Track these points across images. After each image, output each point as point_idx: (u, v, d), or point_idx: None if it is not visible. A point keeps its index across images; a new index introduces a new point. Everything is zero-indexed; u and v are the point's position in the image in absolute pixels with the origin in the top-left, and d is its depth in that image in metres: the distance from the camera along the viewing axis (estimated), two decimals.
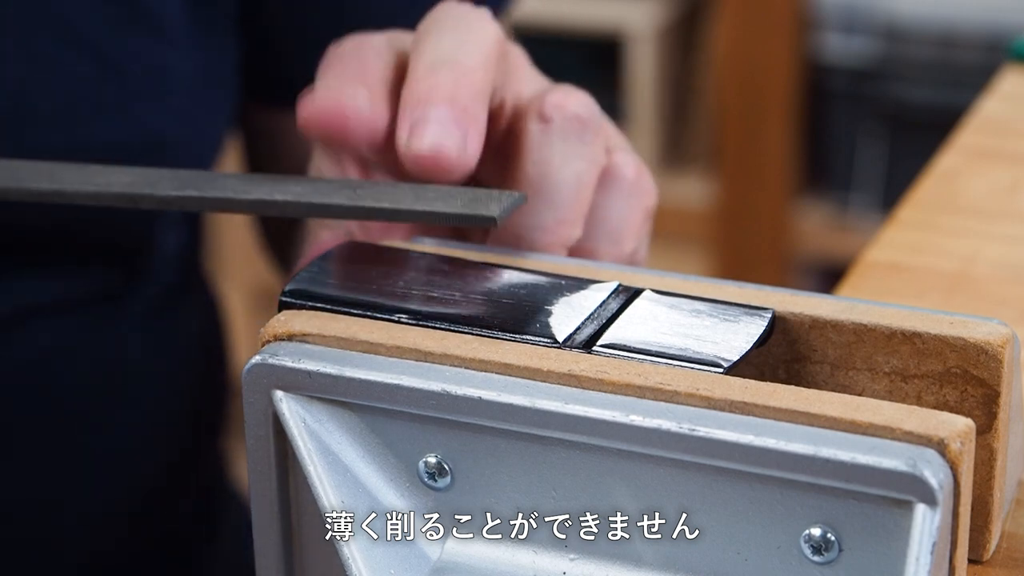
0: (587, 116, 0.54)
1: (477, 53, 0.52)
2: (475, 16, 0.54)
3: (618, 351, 0.46)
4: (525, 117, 0.54)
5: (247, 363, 0.46)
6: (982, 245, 0.69)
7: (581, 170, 0.54)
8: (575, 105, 0.54)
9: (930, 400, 0.47)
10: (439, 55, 0.52)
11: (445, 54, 0.52)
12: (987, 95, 0.86)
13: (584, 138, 0.54)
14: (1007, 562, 0.48)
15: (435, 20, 0.55)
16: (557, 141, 0.54)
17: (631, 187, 0.56)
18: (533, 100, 0.54)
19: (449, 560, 0.45)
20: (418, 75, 0.51)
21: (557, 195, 0.54)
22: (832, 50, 1.99)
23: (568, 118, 0.54)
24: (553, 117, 0.53)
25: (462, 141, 0.50)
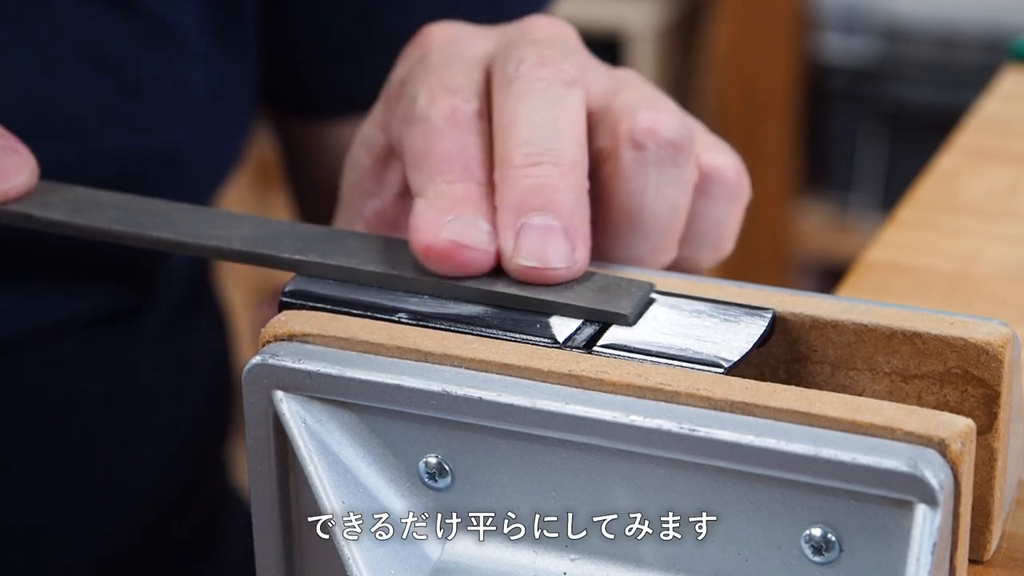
0: (680, 139, 0.52)
1: (575, 137, 0.50)
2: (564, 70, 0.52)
3: (618, 351, 0.46)
4: (615, 140, 0.52)
5: (247, 363, 0.46)
6: (982, 245, 0.69)
7: (676, 196, 0.52)
8: (668, 129, 0.52)
9: (930, 400, 0.47)
10: (536, 143, 0.50)
11: (543, 140, 0.50)
12: (987, 95, 0.86)
13: (678, 162, 0.52)
14: (1007, 562, 0.48)
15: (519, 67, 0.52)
16: (652, 171, 0.52)
17: (731, 191, 0.55)
18: (621, 119, 0.52)
19: (449, 560, 0.45)
20: (516, 168, 0.49)
21: (653, 226, 0.52)
22: (832, 50, 2.00)
23: (662, 145, 0.52)
24: (647, 144, 0.52)
25: (569, 252, 0.49)
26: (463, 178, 0.50)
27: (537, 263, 0.48)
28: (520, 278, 0.48)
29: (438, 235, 0.48)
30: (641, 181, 0.52)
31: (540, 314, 0.48)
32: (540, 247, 0.48)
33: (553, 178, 0.49)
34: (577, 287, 0.48)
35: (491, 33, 0.56)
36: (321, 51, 0.76)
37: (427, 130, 0.51)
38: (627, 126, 0.52)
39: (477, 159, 0.51)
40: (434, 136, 0.51)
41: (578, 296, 0.48)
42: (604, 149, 0.53)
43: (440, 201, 0.49)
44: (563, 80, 0.52)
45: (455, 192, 0.50)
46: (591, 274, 0.49)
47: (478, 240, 0.49)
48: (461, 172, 0.50)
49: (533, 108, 0.51)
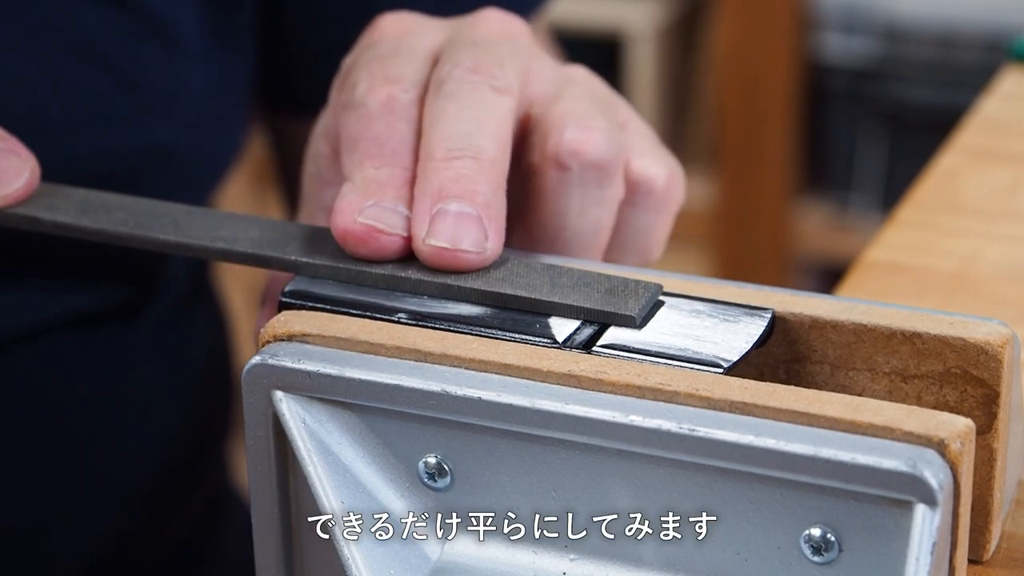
0: (605, 160, 0.52)
1: (496, 137, 0.51)
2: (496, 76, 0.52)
3: (618, 351, 0.46)
4: (542, 157, 0.52)
5: (247, 364, 0.46)
6: (982, 245, 0.69)
7: (599, 216, 0.53)
8: (592, 149, 0.52)
9: (930, 400, 0.47)
10: (458, 138, 0.50)
11: (464, 136, 0.50)
12: (987, 95, 0.86)
13: (602, 182, 0.52)
14: (1007, 562, 0.48)
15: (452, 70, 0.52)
16: (575, 192, 0.52)
17: (658, 202, 0.55)
18: (549, 135, 0.52)
19: (449, 560, 0.45)
20: (436, 160, 0.50)
21: (575, 244, 0.53)
22: (832, 50, 2.00)
23: (586, 166, 0.52)
24: (570, 165, 0.52)
25: (482, 240, 0.49)
26: (390, 163, 0.51)
27: (448, 244, 0.49)
28: (430, 261, 0.49)
29: (356, 219, 0.49)
30: (563, 201, 0.53)
31: (540, 314, 0.48)
32: (452, 231, 0.49)
33: (471, 170, 0.50)
34: (584, 288, 0.48)
35: (442, 26, 0.56)
36: (315, 47, 0.76)
37: (362, 116, 0.52)
38: (553, 144, 0.52)
39: (407, 145, 0.51)
40: (367, 122, 0.52)
41: (585, 297, 0.48)
42: (532, 164, 0.53)
43: (364, 185, 0.50)
44: (492, 86, 0.52)
45: (380, 177, 0.50)
46: (599, 275, 0.49)
47: (394, 225, 0.49)
48: (389, 157, 0.51)
49: (458, 107, 0.51)
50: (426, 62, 0.54)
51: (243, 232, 0.52)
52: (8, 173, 0.54)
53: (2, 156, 0.55)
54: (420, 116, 0.52)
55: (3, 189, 0.54)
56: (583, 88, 0.55)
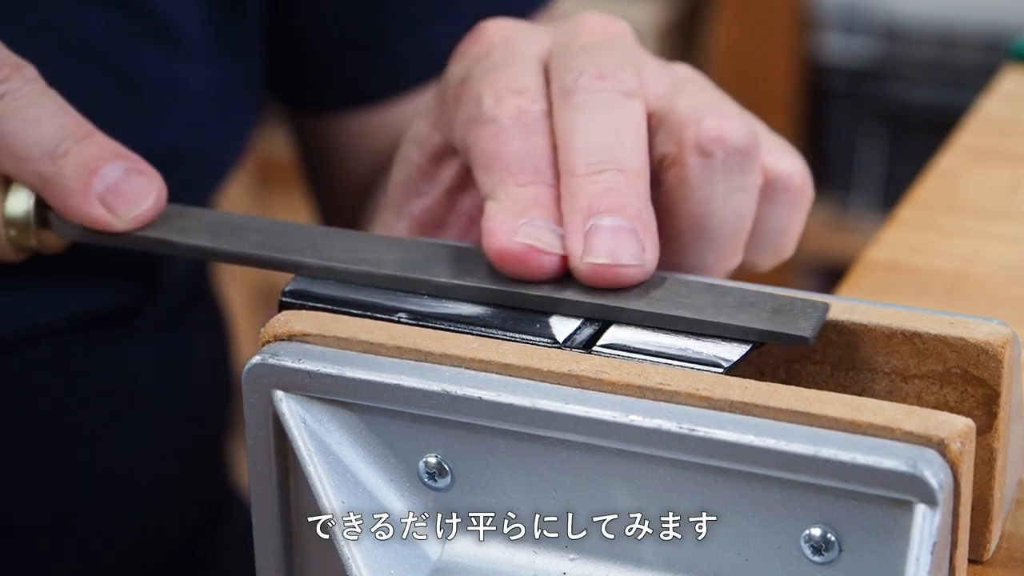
0: (747, 145, 0.52)
1: (637, 146, 0.50)
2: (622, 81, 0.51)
3: (618, 351, 0.46)
4: (681, 147, 0.52)
5: (247, 363, 0.46)
6: (982, 245, 0.69)
7: (743, 203, 0.52)
8: (735, 135, 0.51)
9: (930, 400, 0.47)
10: (599, 152, 0.49)
11: (605, 149, 0.49)
12: (987, 95, 0.86)
13: (745, 168, 0.52)
14: (1007, 562, 0.48)
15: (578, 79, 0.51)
16: (720, 178, 0.52)
17: (796, 197, 0.55)
18: (686, 126, 0.52)
19: (449, 560, 0.45)
20: (580, 176, 0.49)
21: (721, 233, 0.52)
22: (832, 50, 2.00)
23: (730, 152, 0.51)
24: (714, 152, 0.51)
25: (640, 252, 0.48)
26: (534, 180, 0.50)
27: (608, 260, 0.48)
28: (590, 280, 0.48)
29: (513, 239, 0.48)
30: (708, 189, 0.52)
31: (540, 313, 0.48)
32: (610, 246, 0.48)
33: (618, 183, 0.49)
34: (750, 308, 0.47)
35: (546, 31, 0.55)
36: (327, 42, 0.76)
37: (496, 131, 0.51)
38: (692, 133, 0.52)
39: (546, 160, 0.51)
40: (503, 137, 0.51)
41: (752, 318, 0.46)
42: (668, 156, 0.52)
43: (512, 204, 0.49)
44: (622, 91, 0.51)
45: (527, 195, 0.49)
46: (762, 294, 0.48)
47: (551, 244, 0.48)
48: (532, 174, 0.50)
49: (594, 119, 0.50)
50: (540, 70, 0.53)
51: (386, 253, 0.51)
52: (134, 194, 0.53)
53: (127, 176, 0.54)
54: (551, 129, 0.51)
55: (130, 211, 0.53)
56: (699, 83, 0.55)
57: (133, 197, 0.53)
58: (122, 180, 0.53)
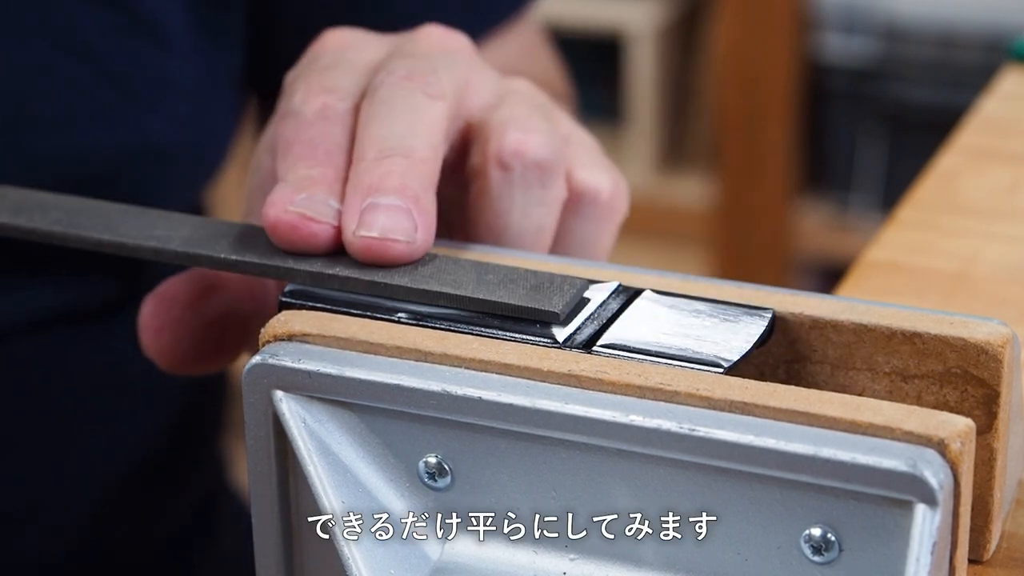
0: (547, 160, 0.53)
1: (428, 138, 0.51)
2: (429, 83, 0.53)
3: (618, 351, 0.46)
4: (484, 159, 0.53)
5: (247, 363, 0.46)
6: (982, 245, 0.69)
7: (541, 216, 0.53)
8: (535, 150, 0.53)
9: (930, 400, 0.47)
10: (388, 140, 0.51)
11: (396, 140, 0.51)
12: (987, 95, 0.86)
13: (545, 183, 0.53)
14: (1007, 562, 0.48)
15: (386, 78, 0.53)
16: (518, 191, 0.53)
17: (604, 210, 0.55)
18: (490, 138, 0.53)
19: (449, 560, 0.45)
20: (368, 160, 0.51)
21: (519, 244, 0.53)
22: (832, 50, 2.00)
23: (528, 166, 0.53)
24: (513, 166, 0.53)
25: (412, 231, 0.49)
26: (323, 163, 0.51)
27: (377, 234, 0.49)
28: (360, 254, 0.49)
29: (287, 208, 0.49)
30: (506, 201, 0.53)
31: None
32: (382, 222, 0.49)
33: (401, 167, 0.50)
34: (510, 284, 0.48)
35: (384, 41, 0.57)
36: (302, 44, 0.77)
37: (298, 123, 0.52)
38: (495, 146, 0.53)
39: (340, 147, 0.52)
40: (303, 127, 0.52)
41: (510, 294, 0.48)
42: (474, 167, 0.54)
43: (297, 182, 0.50)
44: (425, 92, 0.53)
45: (312, 175, 0.51)
46: (526, 272, 0.49)
47: (324, 214, 0.50)
48: (322, 158, 0.51)
49: (390, 111, 0.52)
50: (365, 75, 0.55)
51: (175, 231, 0.52)
52: None
53: None
54: (355, 123, 0.53)
55: None
56: (523, 96, 0.56)
57: None
58: None
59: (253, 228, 0.52)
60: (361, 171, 0.50)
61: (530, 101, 0.55)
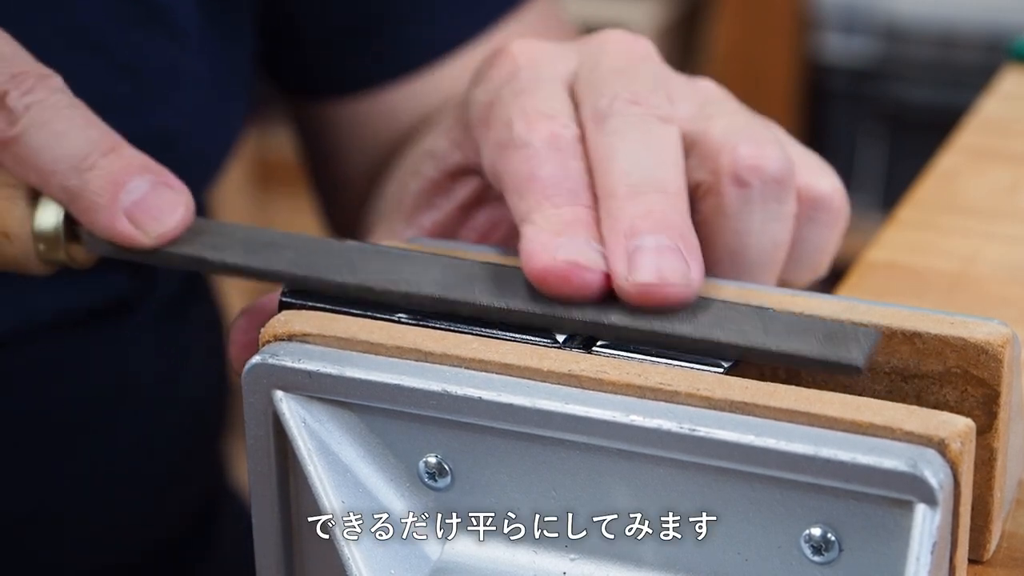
0: (784, 174, 0.51)
1: (676, 168, 0.50)
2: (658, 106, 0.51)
3: (618, 351, 0.46)
4: (717, 176, 0.51)
5: (247, 363, 0.46)
6: (982, 245, 0.69)
7: (779, 232, 0.52)
8: (772, 164, 0.51)
9: (930, 400, 0.47)
10: (638, 173, 0.49)
11: (645, 171, 0.49)
12: (987, 95, 0.86)
13: (782, 198, 0.52)
14: (1007, 562, 0.48)
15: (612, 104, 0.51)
16: (756, 208, 0.51)
17: (836, 216, 0.54)
18: (721, 153, 0.51)
19: (449, 560, 0.45)
20: (621, 198, 0.48)
21: (756, 262, 0.52)
22: (832, 50, 2.00)
23: (767, 182, 0.51)
24: (751, 182, 0.51)
25: (686, 271, 0.47)
26: (571, 202, 0.49)
27: (655, 279, 0.46)
28: (637, 299, 0.47)
29: (555, 256, 0.47)
30: (745, 219, 0.51)
31: None
32: (656, 265, 0.47)
33: (660, 204, 0.48)
34: (801, 332, 0.46)
35: (571, 52, 0.55)
36: (320, 28, 0.76)
37: (529, 156, 0.50)
38: (729, 161, 0.51)
39: (582, 183, 0.50)
40: (537, 161, 0.50)
41: (804, 344, 0.46)
42: (703, 183, 0.52)
43: (550, 225, 0.48)
44: (657, 116, 0.51)
45: (564, 216, 0.49)
46: (812, 319, 0.47)
47: (594, 261, 0.47)
48: (568, 196, 0.49)
49: (630, 143, 0.50)
50: (567, 92, 0.53)
51: (424, 273, 0.50)
52: (161, 209, 0.52)
53: (155, 190, 0.52)
54: (585, 153, 0.51)
55: (158, 226, 0.52)
56: (729, 104, 0.55)
57: (160, 212, 0.52)
58: (149, 194, 0.52)
59: (508, 270, 0.50)
60: (616, 209, 0.48)
61: (737, 108, 0.54)
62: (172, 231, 0.52)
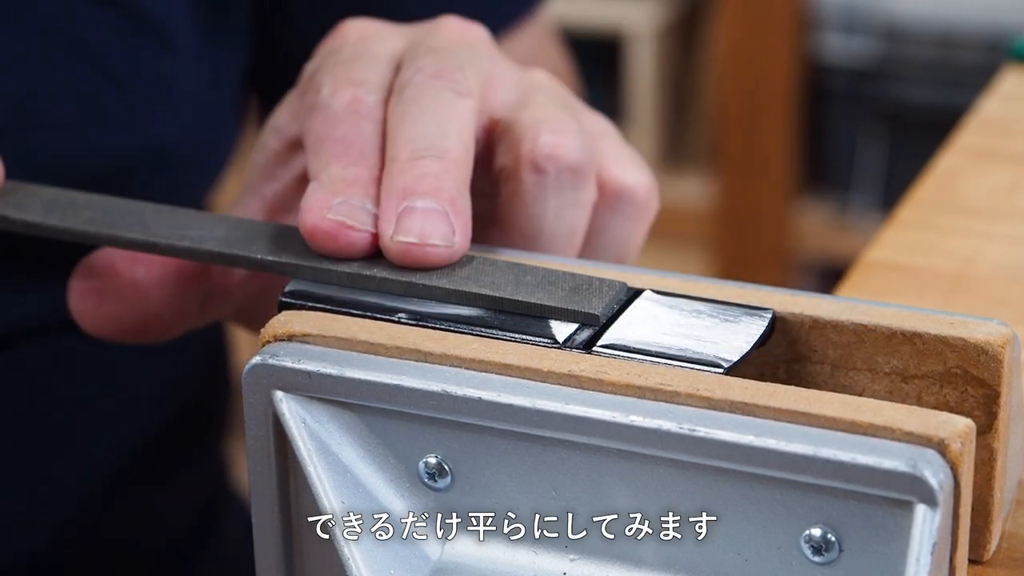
0: (580, 163, 0.53)
1: (460, 138, 0.51)
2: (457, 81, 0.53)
3: (618, 351, 0.46)
4: (516, 162, 0.53)
5: (247, 364, 0.46)
6: (982, 245, 0.69)
7: (574, 218, 0.54)
8: (568, 153, 0.53)
9: (930, 400, 0.47)
10: (422, 139, 0.51)
11: (428, 138, 0.51)
12: (987, 95, 0.86)
13: (577, 185, 0.53)
14: (1007, 562, 0.48)
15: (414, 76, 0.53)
16: (551, 195, 0.53)
17: (639, 210, 0.55)
18: (523, 140, 0.53)
19: (449, 560, 0.45)
20: (401, 162, 0.51)
21: (551, 247, 0.54)
22: (832, 50, 2.00)
23: (562, 170, 0.53)
24: (547, 169, 0.53)
25: (450, 234, 0.49)
26: (356, 162, 0.51)
27: (416, 239, 0.49)
28: (398, 258, 0.49)
29: (325, 215, 0.49)
30: (540, 205, 0.53)
31: None
32: (420, 226, 0.49)
33: (436, 169, 0.50)
34: (549, 286, 0.48)
35: (403, 32, 0.57)
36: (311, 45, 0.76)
37: (327, 117, 0.52)
38: (528, 148, 0.53)
39: (372, 144, 0.52)
40: (333, 123, 0.52)
41: (549, 295, 0.48)
42: (506, 168, 0.54)
43: (331, 184, 0.50)
44: (454, 90, 0.53)
45: (347, 175, 0.51)
46: (565, 273, 0.49)
47: (362, 221, 0.50)
48: (356, 156, 0.51)
49: (421, 110, 0.52)
50: (388, 67, 0.55)
51: (209, 231, 0.52)
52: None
53: None
54: (384, 119, 0.53)
55: None
56: (549, 93, 0.56)
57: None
58: None
59: (288, 228, 0.52)
60: (395, 173, 0.50)
61: (556, 97, 0.55)
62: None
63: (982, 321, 0.46)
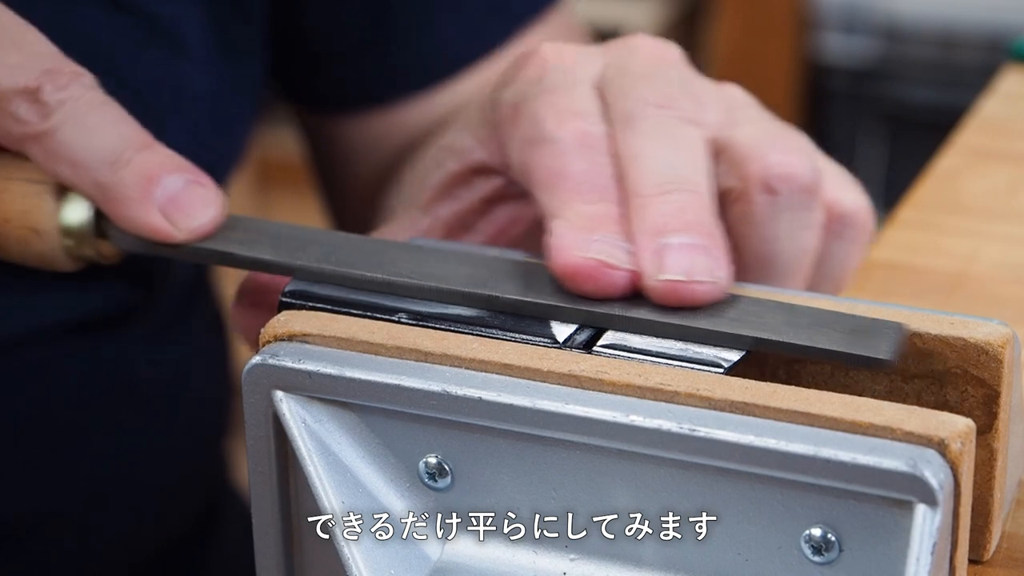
0: (813, 183, 0.52)
1: (701, 166, 0.50)
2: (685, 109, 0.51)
3: (618, 351, 0.46)
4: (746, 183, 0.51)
5: (247, 363, 0.46)
6: (982, 245, 0.69)
7: (807, 240, 0.52)
8: (802, 173, 0.51)
9: (930, 400, 0.47)
10: (666, 173, 0.49)
11: (673, 171, 0.49)
12: (987, 95, 0.86)
13: (810, 206, 0.52)
14: (1007, 562, 0.48)
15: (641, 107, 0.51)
16: (785, 216, 0.52)
17: (860, 233, 0.55)
18: (750, 160, 0.52)
19: (449, 560, 0.45)
20: (648, 197, 0.49)
21: (784, 269, 0.52)
22: (832, 50, 2.00)
23: (796, 190, 0.51)
24: (780, 190, 0.51)
25: (713, 268, 0.47)
26: (602, 199, 0.49)
27: (683, 277, 0.47)
28: (663, 297, 0.47)
29: (584, 255, 0.48)
30: (774, 226, 0.52)
31: None
32: (684, 263, 0.47)
33: (688, 203, 0.49)
34: (823, 328, 0.46)
35: (599, 55, 0.55)
36: (333, 44, 0.76)
37: (558, 152, 0.51)
38: (758, 169, 0.52)
39: (611, 179, 0.50)
40: (567, 158, 0.50)
41: (829, 339, 0.46)
42: (733, 190, 0.52)
43: (579, 221, 0.48)
44: (683, 118, 0.51)
45: (594, 212, 0.49)
46: (836, 314, 0.47)
47: (620, 260, 0.48)
48: (598, 192, 0.50)
49: (659, 143, 0.50)
50: (596, 94, 0.53)
51: (453, 269, 0.50)
52: (194, 205, 0.52)
53: (188, 187, 0.53)
54: (614, 151, 0.51)
55: (190, 222, 0.52)
56: (756, 110, 0.55)
57: (193, 208, 0.52)
58: (183, 191, 0.52)
59: (534, 266, 0.50)
60: (644, 208, 0.49)
61: (763, 114, 0.54)
62: (204, 227, 0.53)
63: (982, 321, 0.46)
